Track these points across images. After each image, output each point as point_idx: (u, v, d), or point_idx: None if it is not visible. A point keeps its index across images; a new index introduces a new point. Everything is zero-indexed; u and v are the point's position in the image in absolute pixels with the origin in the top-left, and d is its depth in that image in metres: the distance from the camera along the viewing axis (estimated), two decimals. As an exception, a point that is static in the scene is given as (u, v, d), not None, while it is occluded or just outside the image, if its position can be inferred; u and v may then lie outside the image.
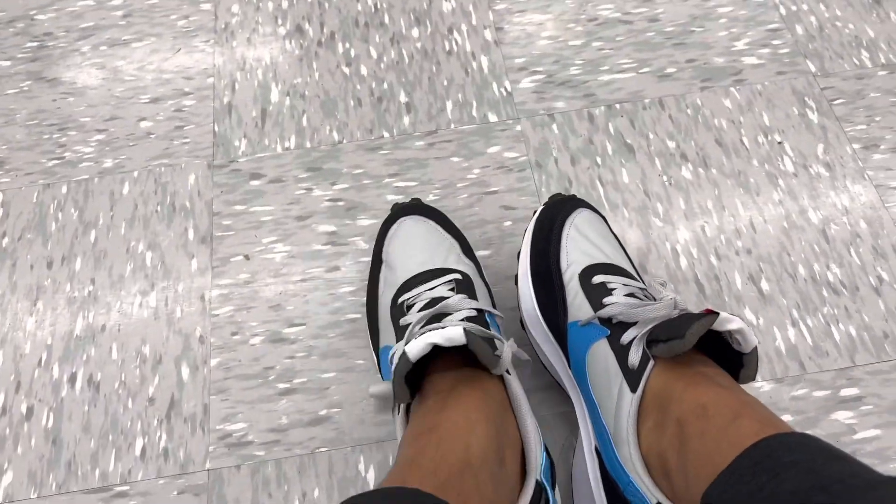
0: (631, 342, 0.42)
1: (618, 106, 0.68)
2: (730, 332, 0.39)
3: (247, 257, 0.62)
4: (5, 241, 0.64)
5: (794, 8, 0.73)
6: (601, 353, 0.43)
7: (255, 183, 0.66)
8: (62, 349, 0.59)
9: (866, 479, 0.29)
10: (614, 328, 0.43)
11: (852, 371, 0.55)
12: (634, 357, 0.41)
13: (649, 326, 0.41)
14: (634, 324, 0.42)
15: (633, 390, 0.40)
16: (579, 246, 0.49)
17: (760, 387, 0.55)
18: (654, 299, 0.46)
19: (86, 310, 0.60)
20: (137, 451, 0.54)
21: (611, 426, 0.42)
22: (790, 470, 0.31)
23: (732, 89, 0.68)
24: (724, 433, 0.35)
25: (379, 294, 0.52)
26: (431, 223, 0.55)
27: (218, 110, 0.71)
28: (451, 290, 0.48)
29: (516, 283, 0.53)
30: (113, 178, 0.67)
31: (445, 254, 0.52)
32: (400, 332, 0.47)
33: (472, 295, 0.48)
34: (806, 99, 0.68)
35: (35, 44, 0.76)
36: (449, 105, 0.69)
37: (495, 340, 0.43)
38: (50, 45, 0.76)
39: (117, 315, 0.60)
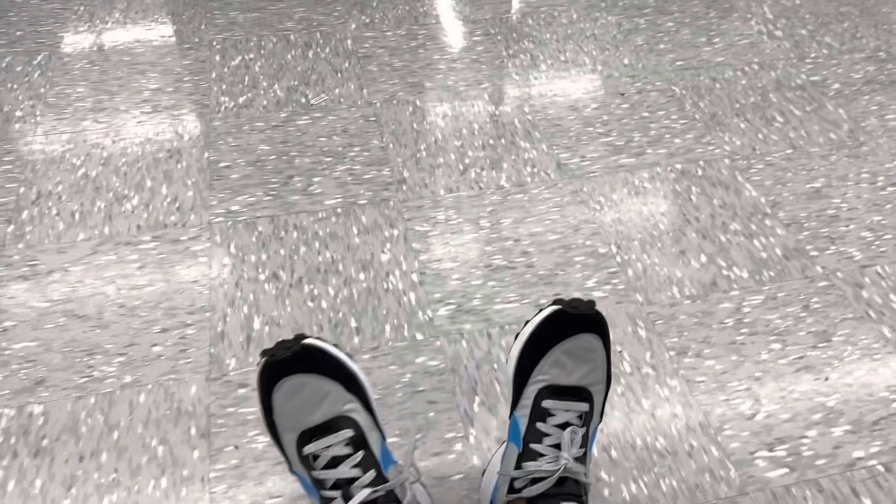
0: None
1: (507, 326, 0.96)
2: None
3: (236, 447, 0.83)
4: (45, 441, 0.83)
5: (626, 257, 1.05)
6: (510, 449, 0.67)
7: (242, 391, 0.88)
8: (92, 524, 0.76)
9: None
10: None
11: (675, 512, 0.78)
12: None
13: (537, 492, 0.64)
14: None
15: None
16: (556, 363, 0.69)
17: (613, 526, 0.77)
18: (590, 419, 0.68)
19: (111, 493, 0.79)
20: None
21: None
22: None
23: (586, 314, 0.97)
24: None
25: (279, 432, 0.65)
26: (307, 378, 0.64)
27: (213, 337, 0.94)
28: (347, 444, 0.64)
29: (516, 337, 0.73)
30: (132, 391, 0.88)
31: (330, 405, 0.65)
32: (315, 482, 0.63)
33: (366, 444, 0.64)
34: (637, 320, 0.97)
35: (69, 289, 1.00)
36: (387, 328, 0.95)
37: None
38: (81, 291, 1.00)
39: (136, 495, 0.78)
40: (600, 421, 0.72)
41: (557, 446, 0.66)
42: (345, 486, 0.63)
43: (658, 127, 1.28)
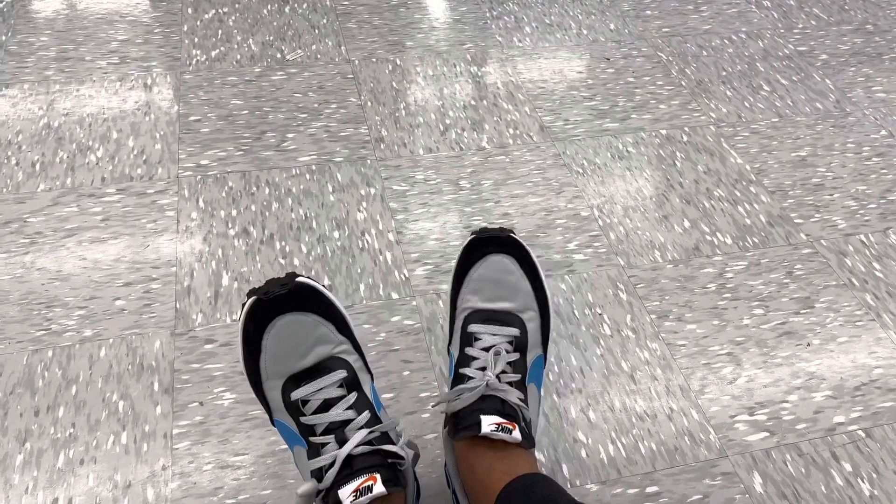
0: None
1: (486, 288, 0.93)
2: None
3: (201, 403, 0.79)
4: (-2, 395, 0.79)
5: (608, 221, 1.03)
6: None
7: (208, 346, 0.85)
8: (46, 479, 0.72)
9: None
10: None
11: (654, 474, 0.76)
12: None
13: (460, 406, 0.63)
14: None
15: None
16: (474, 288, 0.68)
17: (590, 488, 0.75)
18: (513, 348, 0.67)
19: (67, 448, 0.75)
20: (108, 559, 0.67)
21: None
22: None
23: (567, 277, 0.95)
24: (484, 480, 0.59)
25: (262, 378, 0.61)
26: (303, 316, 0.60)
27: (179, 292, 0.90)
28: (340, 386, 0.60)
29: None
30: (92, 345, 0.84)
31: (322, 347, 0.61)
32: (304, 429, 0.59)
33: (359, 385, 0.61)
34: (618, 283, 0.95)
35: (27, 240, 0.95)
36: (362, 287, 0.92)
37: (398, 460, 0.60)
38: (40, 242, 0.95)
39: (94, 450, 0.75)
40: (545, 356, 0.70)
41: (486, 370, 0.65)
42: (338, 429, 0.59)
43: (643, 92, 1.25)
